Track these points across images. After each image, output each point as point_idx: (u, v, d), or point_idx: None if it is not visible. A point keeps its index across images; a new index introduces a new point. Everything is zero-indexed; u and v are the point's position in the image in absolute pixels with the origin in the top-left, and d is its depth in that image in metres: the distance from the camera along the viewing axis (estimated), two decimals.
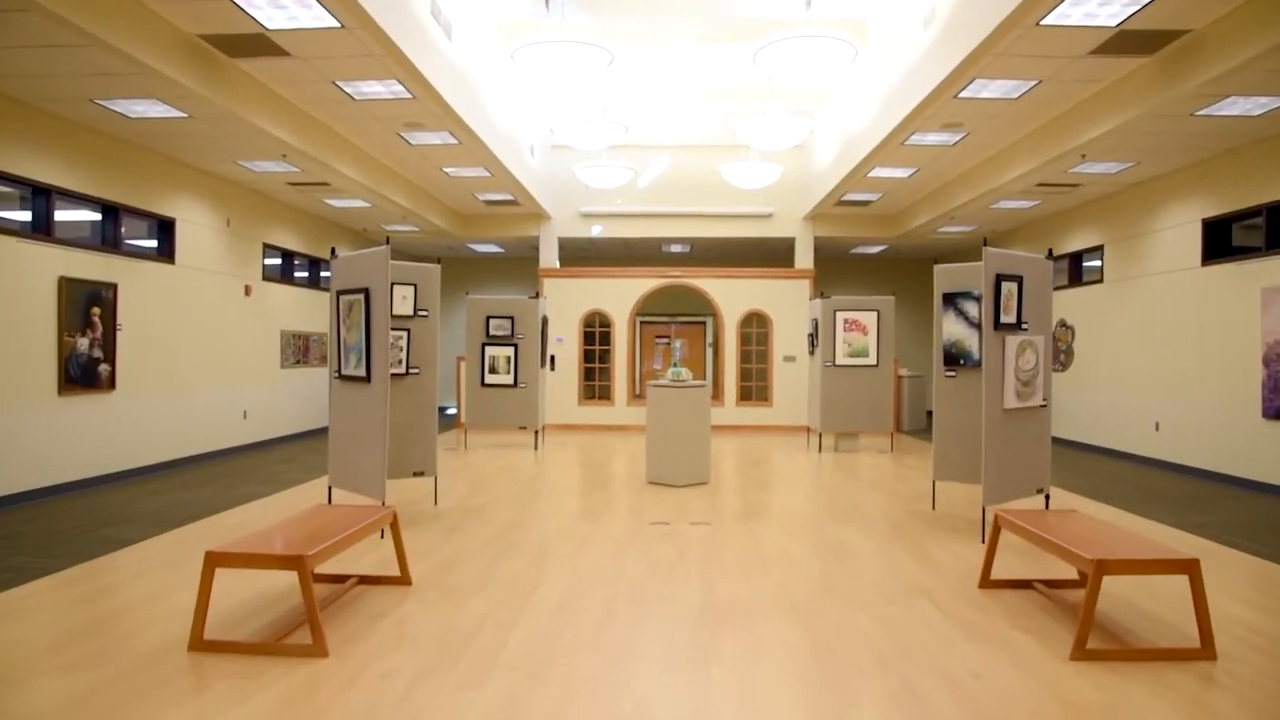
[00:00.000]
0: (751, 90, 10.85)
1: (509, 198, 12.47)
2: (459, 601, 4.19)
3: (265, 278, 10.87)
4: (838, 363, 10.31)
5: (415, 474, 6.65)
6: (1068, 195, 10.41)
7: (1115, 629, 3.75)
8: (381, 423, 5.46)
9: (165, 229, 8.83)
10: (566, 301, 13.60)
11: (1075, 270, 11.34)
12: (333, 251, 6.23)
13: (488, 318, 10.61)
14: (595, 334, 13.76)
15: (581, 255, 16.54)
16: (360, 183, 9.61)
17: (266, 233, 10.88)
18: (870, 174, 10.41)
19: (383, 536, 5.46)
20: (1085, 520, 4.29)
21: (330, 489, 6.10)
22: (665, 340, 18.28)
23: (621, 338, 13.67)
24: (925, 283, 16.71)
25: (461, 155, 9.74)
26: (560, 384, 13.43)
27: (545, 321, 11.17)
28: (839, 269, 16.80)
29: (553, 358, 13.29)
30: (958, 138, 8.65)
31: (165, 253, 8.82)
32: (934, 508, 6.70)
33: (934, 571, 4.79)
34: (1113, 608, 4.02)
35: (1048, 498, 5.89)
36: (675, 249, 16.10)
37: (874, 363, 10.31)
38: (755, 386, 13.65)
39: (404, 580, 4.47)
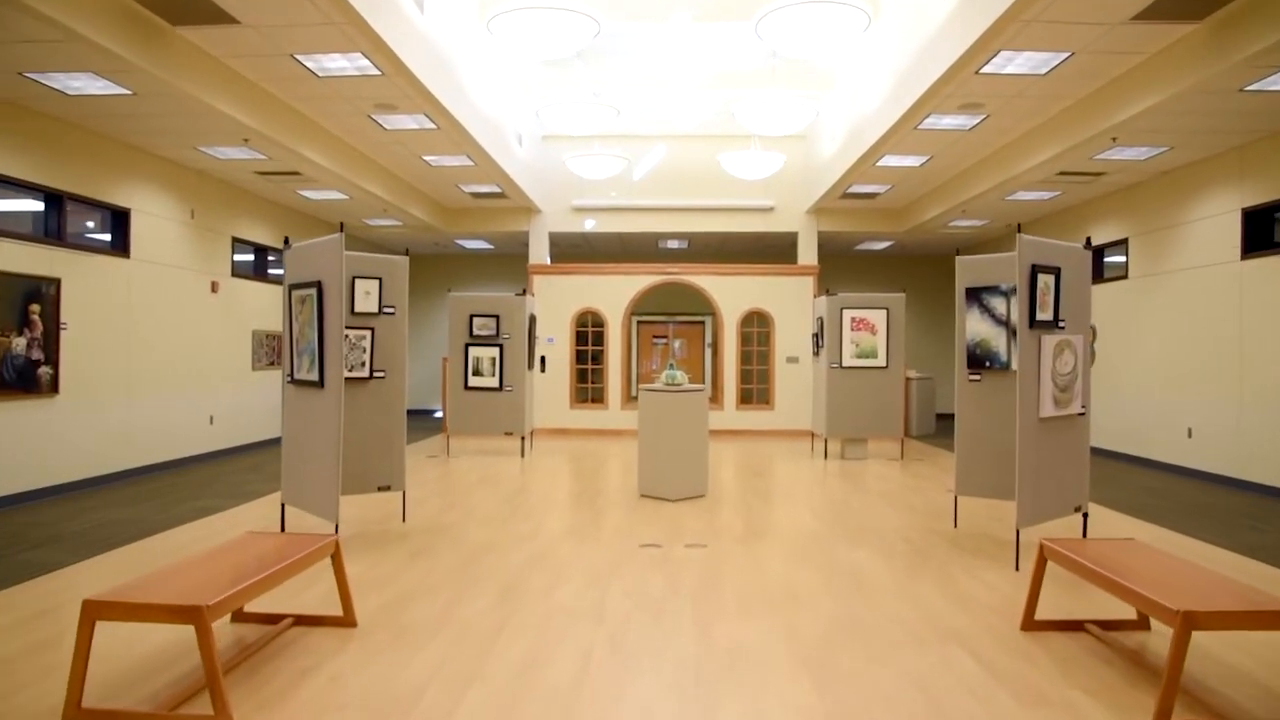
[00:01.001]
0: (753, 74, 10.20)
1: (496, 190, 11.80)
2: (408, 649, 3.53)
3: (235, 274, 10.20)
4: (845, 364, 9.65)
5: (380, 488, 6.00)
6: (1090, 185, 9.75)
7: (1198, 691, 3.09)
8: (334, 434, 4.82)
9: (119, 220, 8.15)
10: (558, 300, 12.94)
11: (1097, 265, 10.67)
12: (286, 241, 5.59)
13: (471, 316, 9.95)
14: (588, 334, 13.10)
15: (574, 251, 15.87)
16: (333, 171, 8.95)
17: (236, 226, 10.21)
18: (879, 163, 9.75)
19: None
20: (1146, 552, 3.64)
21: (284, 507, 5.47)
22: (663, 340, 17.64)
23: (616, 338, 13.01)
24: (933, 280, 16.26)
25: (441, 142, 9.07)
26: (551, 386, 12.77)
27: (533, 320, 10.51)
28: (843, 266, 16.11)
29: (543, 359, 12.64)
30: (976, 120, 7.99)
31: (119, 246, 8.15)
32: (956, 525, 6.05)
33: (966, 608, 4.14)
34: (1190, 661, 3.36)
35: (1086, 516, 5.25)
36: (672, 244, 15.42)
37: (883, 364, 9.64)
38: (756, 389, 13.00)
39: (348, 621, 3.82)
